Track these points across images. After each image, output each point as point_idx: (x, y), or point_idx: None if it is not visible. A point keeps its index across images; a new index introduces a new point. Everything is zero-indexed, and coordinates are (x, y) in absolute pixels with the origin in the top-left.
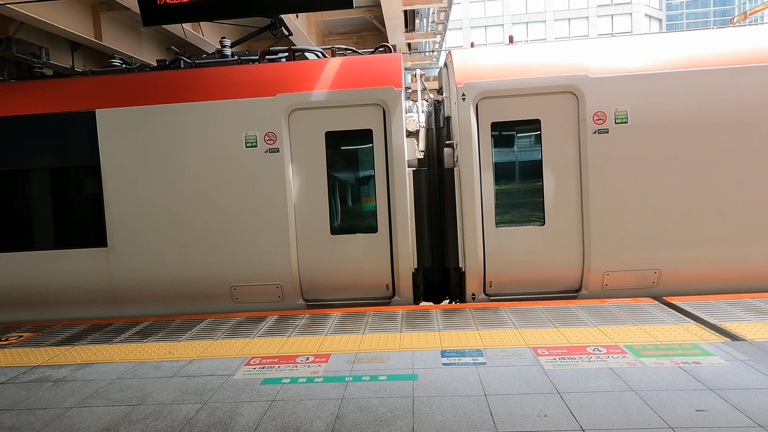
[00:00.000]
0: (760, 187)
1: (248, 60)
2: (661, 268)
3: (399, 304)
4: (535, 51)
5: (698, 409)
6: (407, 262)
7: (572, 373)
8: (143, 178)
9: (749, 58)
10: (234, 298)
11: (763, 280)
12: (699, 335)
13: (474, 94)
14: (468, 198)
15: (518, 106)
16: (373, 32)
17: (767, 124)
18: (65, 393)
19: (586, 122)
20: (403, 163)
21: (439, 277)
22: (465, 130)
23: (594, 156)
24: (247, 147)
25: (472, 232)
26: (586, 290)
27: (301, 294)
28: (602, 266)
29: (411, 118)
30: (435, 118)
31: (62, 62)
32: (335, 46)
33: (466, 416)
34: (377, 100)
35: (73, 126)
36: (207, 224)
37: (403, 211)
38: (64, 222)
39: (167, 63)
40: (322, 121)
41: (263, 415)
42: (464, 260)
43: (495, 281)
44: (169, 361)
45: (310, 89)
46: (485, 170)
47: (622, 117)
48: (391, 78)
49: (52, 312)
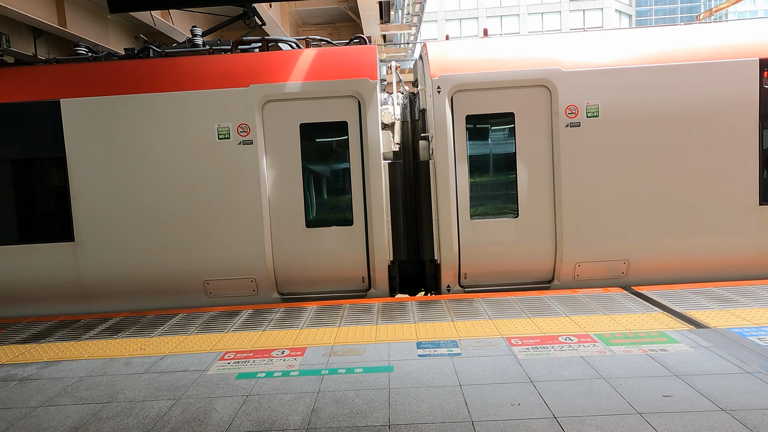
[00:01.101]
0: (722, 179)
1: (220, 50)
2: (630, 259)
3: (375, 297)
4: (510, 44)
5: (665, 395)
6: (383, 255)
7: (545, 362)
8: (112, 170)
9: (715, 54)
10: (207, 293)
11: (726, 270)
12: (665, 323)
13: (449, 87)
14: (443, 190)
15: (493, 99)
16: (348, 23)
17: (731, 119)
18: (31, 392)
19: (558, 116)
20: (378, 155)
21: (414, 269)
22: (440, 123)
23: (566, 149)
24: (219, 139)
25: (447, 224)
26: (558, 281)
27: (276, 287)
28: (573, 257)
29: (386, 111)
30: (410, 111)
31: (24, 49)
32: (309, 37)
33: (441, 407)
34: (352, 92)
35: (37, 116)
36: (179, 217)
37: (379, 203)
38: (29, 216)
39: (135, 52)
40: (297, 113)
41: (238, 410)
42: (440, 252)
43: (470, 273)
44: (141, 357)
45: (284, 80)
46: (460, 163)
47: (594, 111)
48: (366, 70)
49: (17, 309)
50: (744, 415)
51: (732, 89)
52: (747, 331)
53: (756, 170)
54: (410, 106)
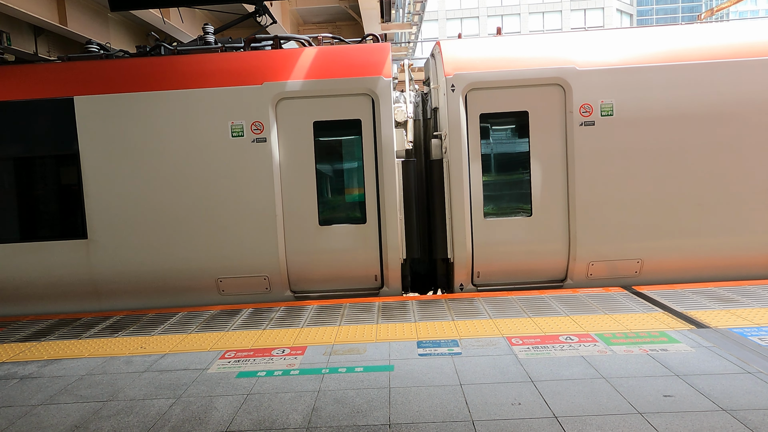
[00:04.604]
0: (738, 178)
1: (232, 48)
2: (643, 258)
3: (388, 295)
4: (524, 43)
5: (665, 395)
6: (396, 253)
7: (545, 361)
8: (125, 167)
9: (730, 53)
10: (220, 291)
11: (740, 269)
12: (666, 323)
13: (463, 85)
14: (457, 189)
15: (507, 97)
16: (349, 22)
17: (745, 118)
18: (32, 390)
19: (572, 114)
20: (392, 153)
21: (424, 268)
22: (454, 121)
23: (580, 148)
24: (233, 136)
25: (461, 222)
26: (571, 280)
27: (288, 286)
28: (587, 256)
29: (399, 109)
30: (422, 109)
31: (25, 48)
32: (321, 35)
33: (442, 406)
34: (366, 90)
35: (51, 113)
36: (192, 215)
37: (392, 201)
38: (42, 213)
39: (147, 49)
40: (310, 111)
41: (238, 409)
42: (453, 251)
43: (483, 272)
44: (141, 356)
45: (298, 78)
46: (474, 161)
47: (608, 109)
48: (380, 68)
49: (29, 306)
50: (745, 415)
51: (751, 88)
52: (748, 331)
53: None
54: (422, 104)
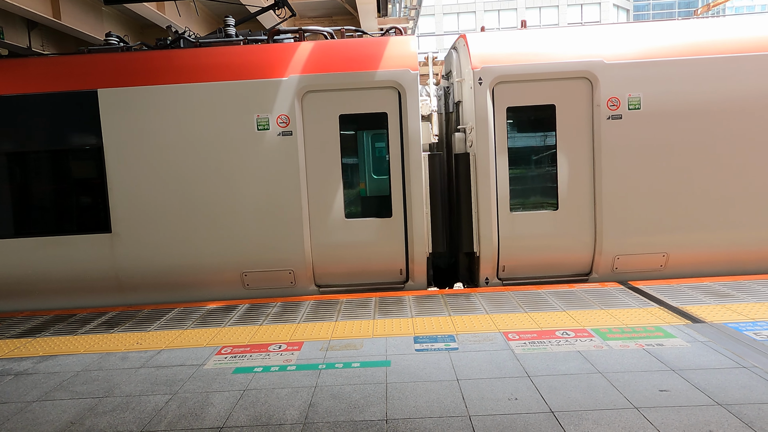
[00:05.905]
0: (762, 172)
1: (254, 40)
2: (669, 252)
3: (413, 289)
4: (550, 36)
5: (661, 389)
6: (422, 247)
7: (542, 356)
8: (149, 161)
9: (758, 46)
10: (245, 285)
11: (766, 262)
12: (662, 318)
13: (490, 79)
14: (483, 183)
15: (534, 91)
16: (345, 16)
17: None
18: (27, 386)
19: (600, 108)
20: (418, 146)
21: (445, 262)
22: (481, 115)
23: (607, 141)
24: (259, 130)
25: (487, 216)
26: (596, 274)
27: (313, 280)
28: (613, 250)
29: (424, 102)
30: (445, 103)
31: (18, 42)
32: (344, 28)
33: (439, 401)
34: (393, 83)
35: (74, 106)
36: (217, 208)
37: (419, 195)
38: (66, 207)
39: (167, 42)
40: (336, 104)
41: (235, 405)
42: (479, 245)
43: (508, 266)
44: (137, 352)
45: (323, 71)
46: (500, 155)
47: (636, 103)
48: (406, 60)
49: (52, 301)
50: (740, 409)
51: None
52: (743, 326)
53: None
54: (444, 98)
